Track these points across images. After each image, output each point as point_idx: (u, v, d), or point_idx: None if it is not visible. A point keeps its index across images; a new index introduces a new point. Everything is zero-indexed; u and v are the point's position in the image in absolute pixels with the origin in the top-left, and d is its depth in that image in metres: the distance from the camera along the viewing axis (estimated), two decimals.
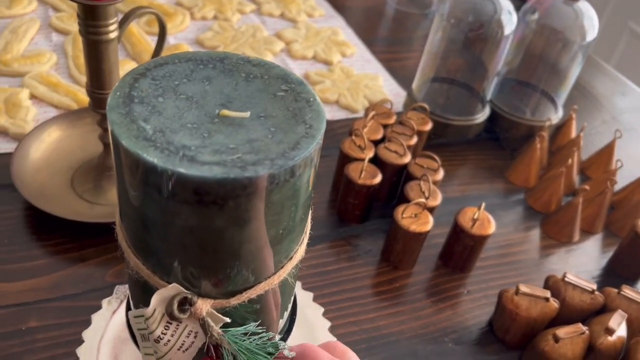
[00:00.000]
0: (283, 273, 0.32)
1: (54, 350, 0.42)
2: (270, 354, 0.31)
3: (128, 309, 0.36)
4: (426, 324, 0.51)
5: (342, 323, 0.49)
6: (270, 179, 0.25)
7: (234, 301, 0.30)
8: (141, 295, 0.32)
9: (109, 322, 0.44)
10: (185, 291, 0.29)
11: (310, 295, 0.50)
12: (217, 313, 0.30)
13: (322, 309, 0.49)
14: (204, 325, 0.29)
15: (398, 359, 0.47)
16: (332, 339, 0.46)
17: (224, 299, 0.30)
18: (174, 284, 0.29)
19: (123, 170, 0.27)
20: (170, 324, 0.29)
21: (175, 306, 0.28)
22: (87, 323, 0.44)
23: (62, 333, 0.44)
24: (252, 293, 0.30)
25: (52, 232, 0.51)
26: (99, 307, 0.45)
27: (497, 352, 0.50)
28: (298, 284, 0.48)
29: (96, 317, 0.44)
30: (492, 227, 0.53)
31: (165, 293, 0.29)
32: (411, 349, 0.48)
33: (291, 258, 0.32)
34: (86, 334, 0.43)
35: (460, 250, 0.55)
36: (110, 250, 0.51)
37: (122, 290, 0.46)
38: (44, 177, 0.55)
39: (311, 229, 0.33)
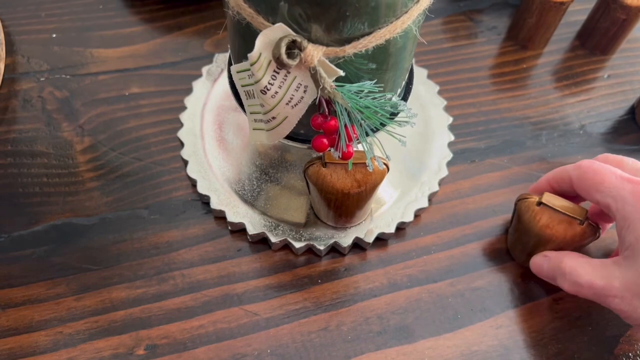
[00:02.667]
0: (408, 19, 0.26)
1: (158, 116, 0.41)
2: (390, 113, 0.27)
3: (230, 64, 0.32)
4: (555, 109, 0.45)
5: (459, 104, 0.44)
6: None
7: (350, 49, 0.26)
8: (242, 45, 0.28)
9: (210, 90, 0.42)
10: (294, 34, 0.25)
11: (424, 72, 0.45)
12: (329, 63, 0.26)
13: (437, 87, 0.44)
14: (315, 76, 0.26)
15: (519, 143, 0.43)
16: (446, 118, 0.42)
17: (337, 47, 0.26)
18: (280, 24, 0.25)
19: None
20: (278, 73, 0.26)
21: (283, 49, 0.24)
22: (189, 91, 0.42)
23: (165, 100, 0.42)
24: (370, 41, 0.26)
25: None
26: (200, 76, 0.43)
27: (638, 141, 0.43)
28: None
29: (197, 85, 0.42)
30: None
31: (271, 34, 0.25)
32: (535, 133, 0.43)
33: (418, 1, 0.26)
34: (189, 101, 0.41)
35: (606, 26, 0.46)
36: (208, 19, 0.47)
37: (222, 59, 0.43)
38: None
39: None
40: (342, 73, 0.26)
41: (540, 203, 0.34)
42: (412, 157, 0.40)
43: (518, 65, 0.47)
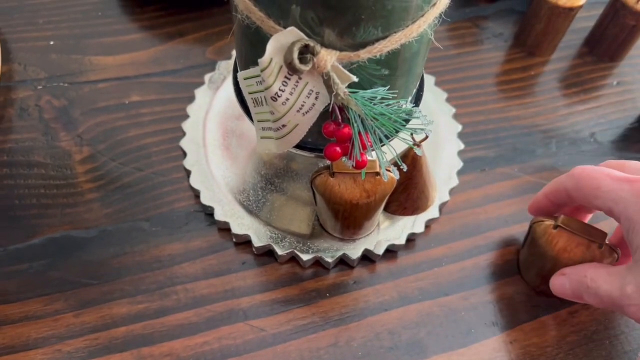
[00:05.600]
0: (424, 23, 0.25)
1: (159, 125, 0.40)
2: (405, 120, 0.26)
3: (236, 71, 0.31)
4: (564, 117, 0.44)
5: (468, 111, 0.43)
6: None
7: (364, 54, 0.25)
8: (250, 51, 0.27)
9: (213, 98, 0.41)
10: (306, 38, 0.24)
11: (432, 78, 0.44)
12: (343, 69, 0.25)
13: (445, 94, 0.43)
14: (328, 82, 0.25)
15: (529, 151, 0.42)
16: (455, 126, 0.41)
17: (350, 52, 0.25)
18: (292, 28, 0.23)
19: None
20: (289, 78, 0.25)
21: (295, 54, 0.23)
22: (191, 99, 0.41)
23: (166, 108, 0.41)
24: (385, 45, 0.25)
25: (146, 3, 0.47)
26: (202, 83, 0.42)
27: None
28: None
29: (199, 93, 0.41)
30: None
31: (282, 39, 0.24)
32: (545, 142, 0.42)
33: (435, 4, 0.25)
34: (191, 109, 0.40)
35: (615, 33, 0.45)
36: (209, 26, 0.46)
37: (225, 67, 0.42)
38: None
39: None
40: (355, 79, 0.25)
41: (557, 226, 0.32)
42: None
43: (526, 72, 0.46)
